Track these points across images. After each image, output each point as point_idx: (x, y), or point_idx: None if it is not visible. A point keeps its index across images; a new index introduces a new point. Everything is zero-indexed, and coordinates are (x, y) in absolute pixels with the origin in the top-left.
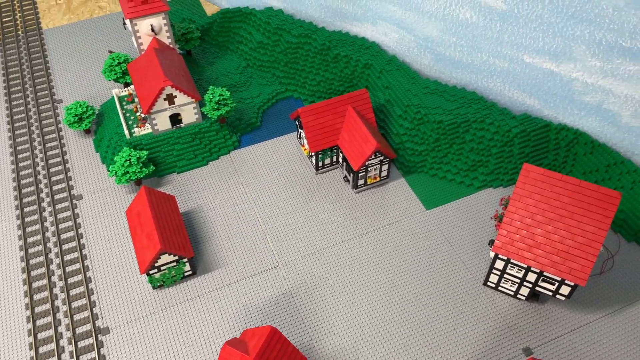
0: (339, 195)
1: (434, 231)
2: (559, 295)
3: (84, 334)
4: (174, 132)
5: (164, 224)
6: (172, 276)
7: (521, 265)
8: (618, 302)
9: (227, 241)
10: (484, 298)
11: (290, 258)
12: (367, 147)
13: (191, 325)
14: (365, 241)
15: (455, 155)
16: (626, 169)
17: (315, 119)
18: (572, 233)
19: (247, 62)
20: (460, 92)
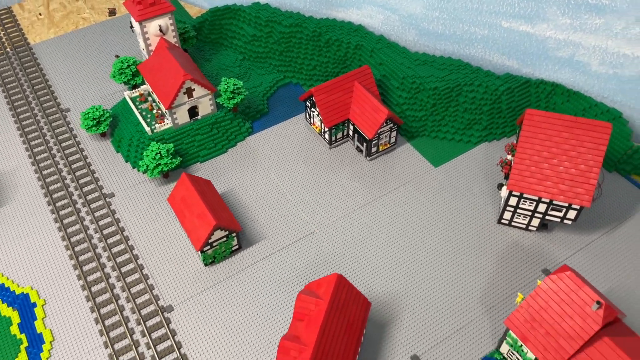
0: (355, 165)
1: (445, 184)
2: (566, 220)
3: (150, 314)
4: (192, 125)
5: (211, 204)
6: (223, 252)
7: (533, 198)
8: (610, 223)
9: (263, 216)
10: (500, 234)
11: (323, 224)
12: (379, 116)
13: (247, 292)
14: (386, 201)
15: (452, 117)
16: (600, 110)
17: (327, 97)
18: (574, 163)
19: (244, 55)
20: (447, 60)
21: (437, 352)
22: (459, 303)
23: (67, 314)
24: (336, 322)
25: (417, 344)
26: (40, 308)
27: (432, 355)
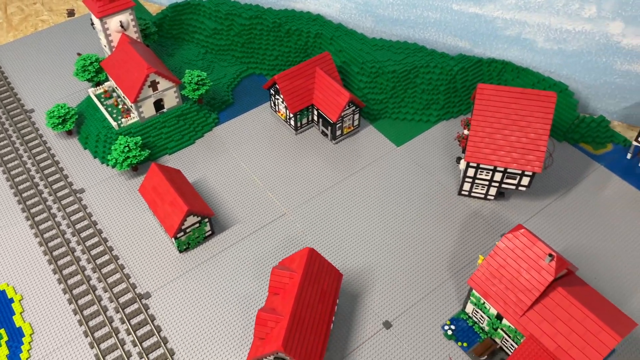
0: (321, 148)
1: (408, 162)
2: (520, 187)
3: (128, 302)
4: (159, 117)
5: (182, 191)
6: (196, 237)
7: (488, 168)
8: (562, 188)
9: (234, 202)
10: (461, 204)
11: (293, 206)
12: (341, 99)
13: (223, 274)
14: (353, 181)
15: (411, 98)
16: (547, 84)
17: (290, 84)
18: (524, 132)
19: (206, 49)
20: (404, 45)
21: (408, 317)
22: (426, 270)
23: (45, 307)
24: (310, 293)
25: (388, 311)
26: (18, 303)
27: (403, 320)
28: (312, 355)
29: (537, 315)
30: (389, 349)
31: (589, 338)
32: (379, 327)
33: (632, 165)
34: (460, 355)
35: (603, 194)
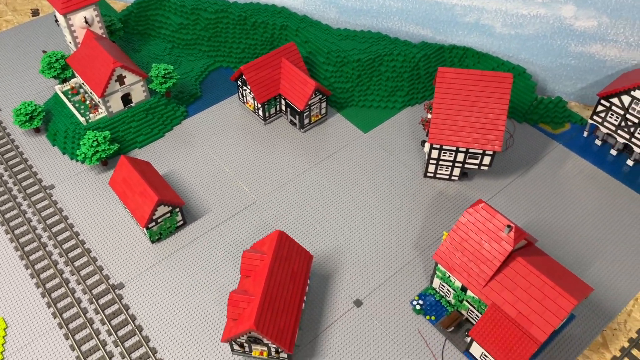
0: (290, 137)
1: (375, 147)
2: (483, 166)
3: (102, 293)
4: (127, 112)
5: (152, 182)
6: (168, 227)
7: (451, 149)
8: (523, 167)
9: (205, 193)
10: (426, 186)
11: (264, 194)
12: (307, 88)
13: (195, 262)
14: (322, 167)
15: (376, 86)
16: (506, 68)
17: (256, 74)
18: (483, 113)
19: (173, 44)
20: (367, 34)
21: (378, 294)
22: (394, 250)
23: (18, 302)
24: (281, 274)
25: (359, 289)
26: None
27: (373, 297)
28: (284, 334)
29: (499, 285)
30: (360, 326)
31: (548, 303)
32: (350, 306)
33: (589, 143)
34: (428, 329)
35: (561, 170)
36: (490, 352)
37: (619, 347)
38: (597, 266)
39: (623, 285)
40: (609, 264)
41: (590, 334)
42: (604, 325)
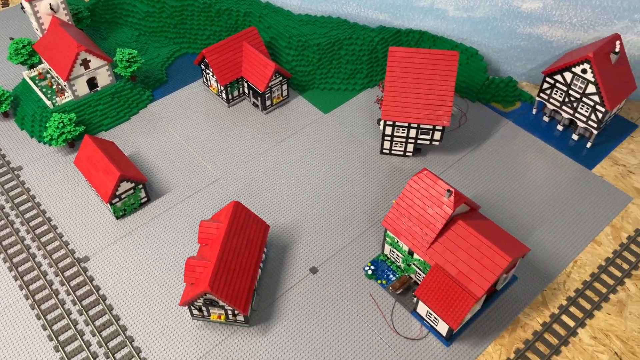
0: (252, 119)
1: (334, 127)
2: (434, 141)
3: (67, 266)
4: (93, 96)
5: (115, 160)
6: (132, 204)
7: (403, 125)
8: (474, 142)
9: (169, 172)
10: (382, 162)
11: (227, 172)
12: (267, 70)
13: (159, 236)
14: (284, 146)
15: (336, 69)
16: (460, 50)
17: (218, 57)
18: (432, 89)
19: (139, 32)
20: (327, 19)
21: (333, 262)
22: (350, 221)
23: None
24: (236, 241)
25: (314, 258)
26: None
27: (328, 264)
28: (239, 296)
29: (441, 247)
30: (315, 291)
31: (485, 261)
32: (305, 273)
33: (537, 120)
34: (379, 292)
35: (510, 146)
36: (433, 309)
37: (557, 305)
38: (540, 232)
39: (563, 249)
40: (551, 231)
41: (531, 294)
42: (545, 285)
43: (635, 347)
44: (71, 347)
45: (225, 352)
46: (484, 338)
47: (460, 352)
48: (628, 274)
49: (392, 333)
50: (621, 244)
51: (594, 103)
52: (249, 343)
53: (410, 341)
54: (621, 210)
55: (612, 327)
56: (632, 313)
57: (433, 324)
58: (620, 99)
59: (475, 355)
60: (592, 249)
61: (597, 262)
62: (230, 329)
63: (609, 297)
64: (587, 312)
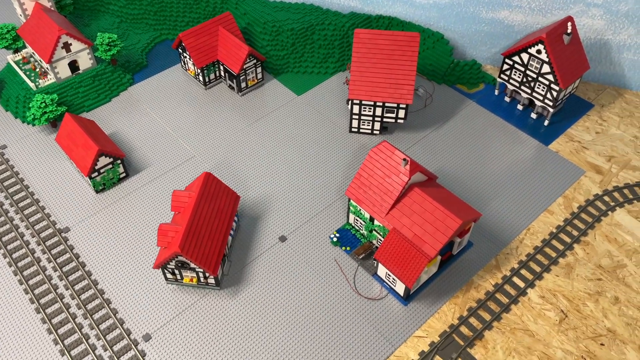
0: (228, 100)
1: (307, 108)
2: (399, 120)
3: (49, 236)
4: (74, 78)
5: (94, 136)
6: (111, 179)
7: (370, 104)
8: (438, 121)
9: (147, 149)
10: (351, 140)
11: (203, 149)
12: (241, 52)
13: (137, 208)
14: (258, 126)
15: (310, 53)
16: (427, 34)
17: (195, 40)
18: (395, 69)
19: (121, 18)
20: (301, 5)
21: (301, 231)
22: (319, 194)
23: None
24: (207, 209)
25: (284, 228)
26: None
27: (297, 233)
28: (209, 259)
29: (399, 212)
30: (283, 257)
31: (438, 224)
32: (275, 241)
33: (499, 100)
34: (344, 258)
35: (473, 124)
36: (391, 270)
37: (509, 268)
38: (497, 203)
39: (518, 218)
40: (507, 202)
41: (486, 259)
42: (498, 251)
43: (580, 305)
44: (51, 309)
45: (197, 313)
46: (440, 298)
47: (417, 310)
48: (577, 240)
49: (355, 294)
50: (572, 213)
51: (548, 82)
52: (219, 305)
53: (371, 301)
54: (574, 182)
55: (559, 288)
56: (579, 275)
57: (392, 285)
58: (574, 78)
59: (431, 313)
60: (544, 217)
61: (548, 230)
62: (202, 291)
63: (558, 260)
64: (537, 274)
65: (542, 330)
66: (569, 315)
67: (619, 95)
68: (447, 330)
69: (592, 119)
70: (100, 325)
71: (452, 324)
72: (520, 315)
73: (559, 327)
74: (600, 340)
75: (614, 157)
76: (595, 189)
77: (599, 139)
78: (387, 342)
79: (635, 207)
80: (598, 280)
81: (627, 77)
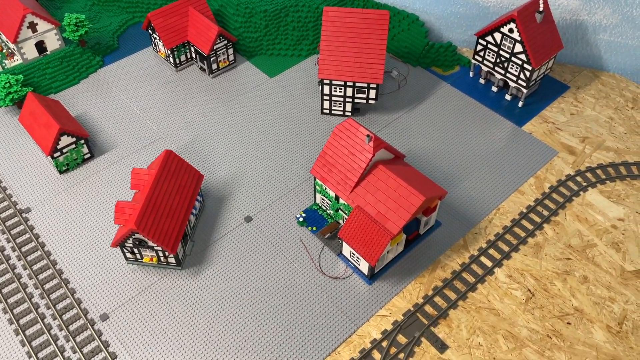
0: (199, 82)
1: (278, 89)
2: (370, 100)
3: (9, 216)
4: (42, 59)
5: (56, 115)
6: (75, 159)
7: (340, 84)
8: (411, 103)
9: (114, 130)
10: (322, 121)
11: (171, 131)
12: (211, 33)
13: (101, 189)
14: (228, 107)
15: (283, 36)
16: (402, 16)
17: (164, 20)
18: (365, 48)
19: (93, 1)
20: None
21: (267, 212)
22: (288, 175)
23: None
24: (166, 186)
25: (250, 208)
26: None
27: (263, 214)
28: (167, 237)
29: (363, 190)
30: (248, 238)
31: (401, 201)
32: (240, 221)
33: (474, 82)
34: (310, 238)
35: (446, 106)
36: (354, 248)
37: (477, 248)
38: (467, 183)
39: (488, 198)
40: (478, 182)
41: (454, 238)
42: (467, 230)
43: (547, 284)
44: (8, 289)
45: (157, 293)
46: (405, 277)
47: (381, 289)
48: (547, 220)
49: (319, 274)
50: (543, 193)
51: (521, 62)
52: (180, 285)
53: (336, 281)
54: (546, 163)
55: (527, 267)
56: (548, 254)
57: (356, 264)
58: (546, 57)
59: (395, 292)
60: (515, 197)
61: (518, 210)
62: (163, 271)
63: (527, 240)
64: (505, 254)
65: (508, 309)
66: (536, 295)
67: (596, 77)
68: (411, 309)
69: (568, 100)
70: (57, 305)
71: (416, 303)
72: (486, 295)
73: (525, 306)
74: (567, 319)
75: (588, 138)
76: (568, 170)
77: (574, 120)
78: (350, 321)
79: (607, 187)
80: (567, 260)
81: (603, 59)
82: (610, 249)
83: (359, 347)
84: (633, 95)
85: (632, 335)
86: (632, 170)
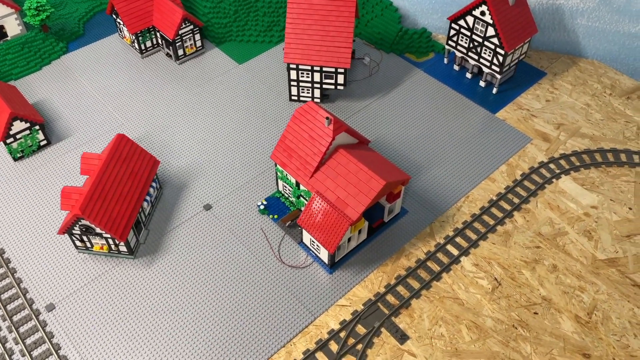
0: (165, 69)
1: (247, 76)
2: (339, 86)
3: None
4: (2, 45)
5: (9, 100)
6: (30, 146)
7: (307, 68)
8: (383, 90)
9: (74, 118)
10: (291, 108)
11: (134, 118)
12: (176, 17)
13: (56, 178)
14: (194, 94)
15: (254, 22)
16: (375, 2)
17: (127, 4)
18: (332, 32)
19: None
20: None
21: (227, 200)
22: (252, 163)
23: None
24: (117, 170)
25: (210, 196)
26: None
27: (223, 202)
28: (116, 223)
29: (323, 175)
30: (206, 226)
31: (361, 186)
32: (199, 210)
33: (449, 69)
34: (271, 226)
35: (418, 93)
36: (313, 236)
37: (444, 236)
38: (437, 170)
39: (457, 186)
40: (448, 169)
41: (419, 226)
42: (434, 218)
43: (515, 273)
44: None
45: (107, 283)
46: (367, 266)
47: (342, 278)
48: (518, 208)
49: (279, 263)
50: (514, 180)
51: (494, 46)
52: (132, 274)
53: (295, 270)
54: (519, 150)
55: (495, 255)
56: (517, 243)
57: (317, 252)
58: (520, 41)
59: (357, 281)
60: (485, 185)
61: (488, 197)
62: (115, 260)
63: (496, 228)
64: (472, 242)
65: (473, 298)
66: (503, 284)
67: (573, 64)
68: (372, 298)
69: (544, 87)
70: (2, 295)
71: (377, 293)
72: (451, 284)
73: (491, 295)
74: (534, 309)
75: (563, 125)
76: (541, 157)
77: (549, 107)
78: (307, 312)
79: (581, 174)
80: (536, 248)
81: (581, 45)
82: (582, 237)
83: (316, 337)
84: (611, 82)
85: (601, 326)
86: (607, 157)
